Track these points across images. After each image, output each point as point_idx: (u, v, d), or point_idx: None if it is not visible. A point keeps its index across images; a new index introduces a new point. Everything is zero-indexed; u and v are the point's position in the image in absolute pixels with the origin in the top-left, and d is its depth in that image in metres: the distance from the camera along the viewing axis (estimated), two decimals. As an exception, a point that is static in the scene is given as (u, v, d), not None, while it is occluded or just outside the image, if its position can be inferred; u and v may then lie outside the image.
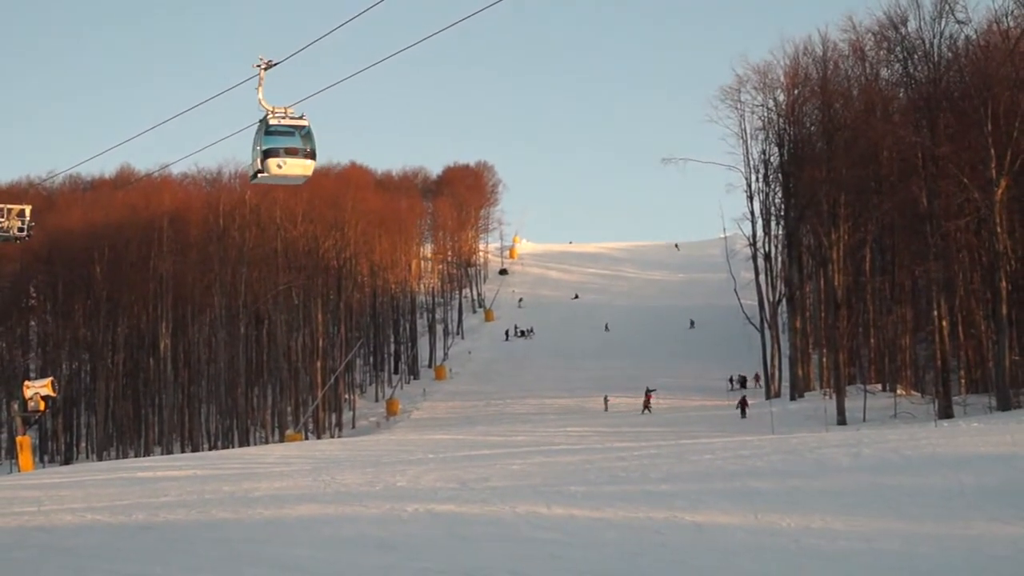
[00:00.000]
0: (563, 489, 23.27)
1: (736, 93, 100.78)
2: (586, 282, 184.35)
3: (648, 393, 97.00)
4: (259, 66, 28.36)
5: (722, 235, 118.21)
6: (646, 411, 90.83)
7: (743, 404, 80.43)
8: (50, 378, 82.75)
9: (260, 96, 28.99)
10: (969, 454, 25.01)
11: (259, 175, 29.72)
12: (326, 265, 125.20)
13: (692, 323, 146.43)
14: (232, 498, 26.23)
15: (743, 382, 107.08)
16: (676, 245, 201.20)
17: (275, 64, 28.37)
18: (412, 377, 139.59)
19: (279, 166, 29.06)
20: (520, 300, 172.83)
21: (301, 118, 29.25)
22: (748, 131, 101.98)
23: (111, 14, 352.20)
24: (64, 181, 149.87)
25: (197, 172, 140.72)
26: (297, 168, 29.38)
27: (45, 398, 74.75)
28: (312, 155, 29.49)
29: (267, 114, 29.02)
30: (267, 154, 29.13)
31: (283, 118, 28.92)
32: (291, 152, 29.08)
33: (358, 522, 20.74)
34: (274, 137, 29.21)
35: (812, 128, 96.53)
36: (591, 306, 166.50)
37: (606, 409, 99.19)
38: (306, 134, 29.31)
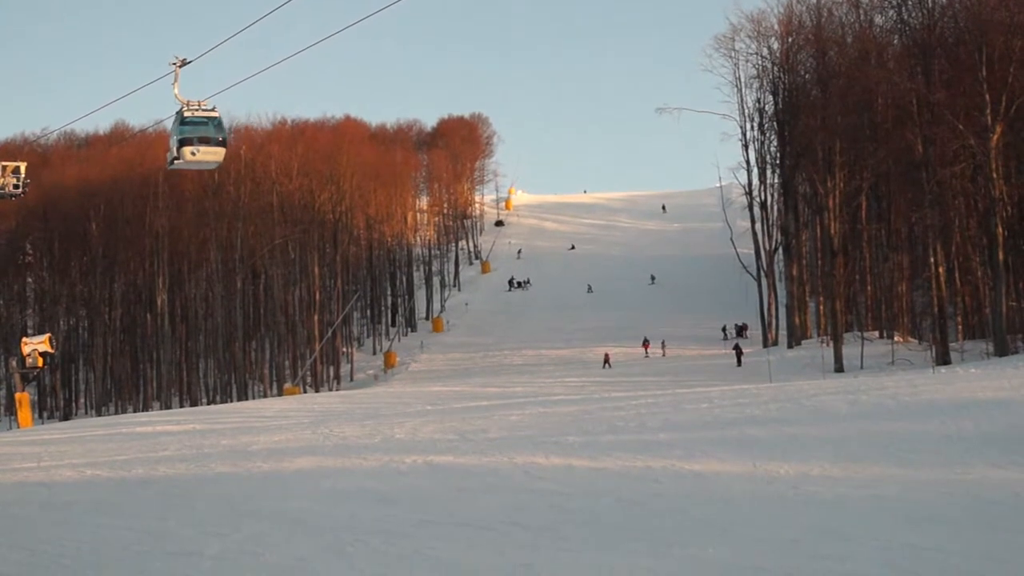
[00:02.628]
0: (561, 440, 23.31)
1: (730, 42, 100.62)
2: (581, 233, 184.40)
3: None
4: (174, 64, 30.34)
5: (717, 184, 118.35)
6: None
7: (738, 352, 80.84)
8: (48, 334, 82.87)
9: (176, 91, 31.13)
10: (967, 400, 25.03)
11: (175, 162, 32.52)
12: (322, 219, 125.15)
13: (653, 278, 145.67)
14: (231, 452, 26.29)
15: (739, 331, 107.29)
16: (663, 207, 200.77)
17: (189, 62, 30.29)
18: (409, 329, 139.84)
19: (193, 153, 31.74)
20: (519, 251, 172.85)
21: (212, 110, 31.82)
22: (742, 80, 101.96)
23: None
24: (59, 138, 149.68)
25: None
26: (209, 155, 32.10)
27: (43, 354, 74.86)
28: (223, 143, 32.26)
29: (182, 107, 31.50)
30: (182, 143, 31.70)
31: (197, 110, 31.50)
32: (204, 140, 31.71)
33: (357, 474, 20.79)
34: (188, 127, 31.66)
35: (806, 76, 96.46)
36: (587, 257, 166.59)
37: (647, 355, 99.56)
38: (217, 124, 32.00)
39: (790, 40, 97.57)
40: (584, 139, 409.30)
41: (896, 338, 79.57)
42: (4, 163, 69.51)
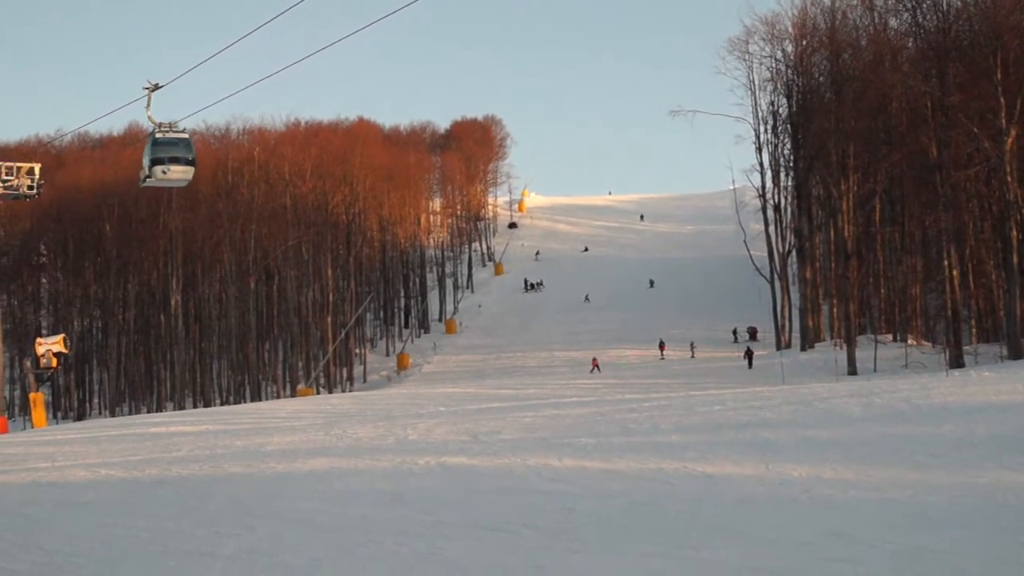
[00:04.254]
0: (574, 441, 23.33)
1: (744, 44, 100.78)
2: (594, 235, 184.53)
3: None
4: (147, 88, 32.09)
5: (731, 187, 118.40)
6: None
7: (750, 355, 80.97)
8: (62, 335, 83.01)
9: (149, 113, 33.18)
10: (980, 403, 25.02)
11: (147, 180, 34.68)
12: (335, 220, 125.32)
13: (652, 283, 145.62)
14: (244, 453, 26.32)
15: (752, 334, 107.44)
16: (641, 216, 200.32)
17: (161, 86, 31.95)
18: (422, 331, 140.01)
19: (164, 172, 33.82)
20: (537, 253, 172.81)
21: (183, 131, 33.97)
22: (756, 82, 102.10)
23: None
24: (73, 139, 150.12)
25: (205, 129, 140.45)
26: (179, 173, 34.17)
27: (57, 355, 74.96)
28: (192, 162, 34.23)
29: (154, 128, 33.57)
30: (153, 162, 33.75)
31: (168, 131, 33.58)
32: (174, 160, 33.73)
33: (370, 475, 20.82)
34: (160, 147, 33.66)
35: (821, 79, 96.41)
36: (600, 259, 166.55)
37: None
38: (187, 145, 34.09)
39: (804, 43, 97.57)
40: (597, 141, 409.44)
41: (909, 341, 79.54)
42: (19, 164, 69.91)
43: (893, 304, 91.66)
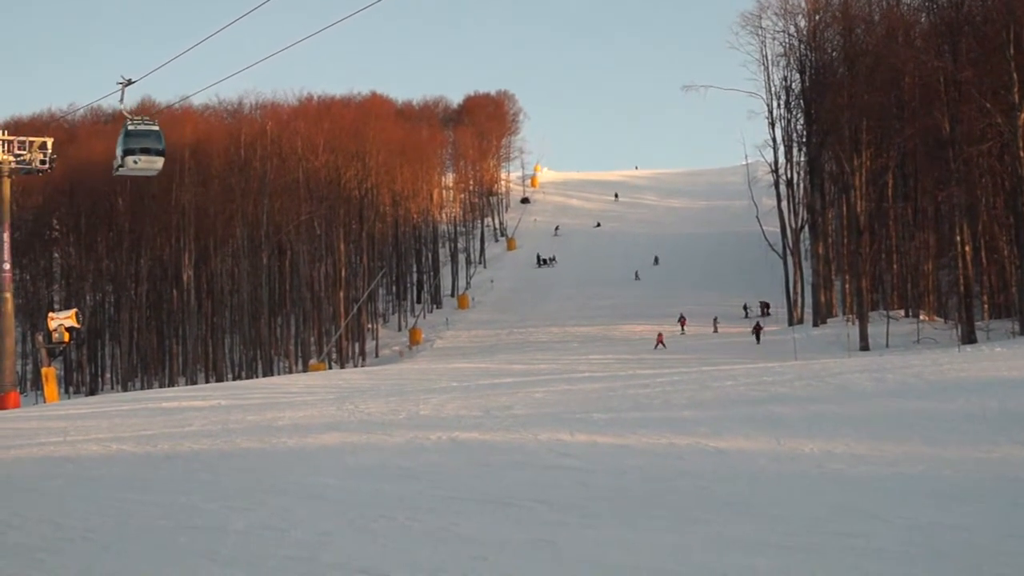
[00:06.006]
0: (586, 416, 23.30)
1: (757, 19, 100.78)
2: (607, 210, 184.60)
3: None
4: (120, 83, 34.04)
5: (743, 162, 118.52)
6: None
7: (757, 330, 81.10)
8: (74, 309, 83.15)
9: (122, 107, 36.58)
10: (992, 378, 24.98)
11: (119, 169, 37.50)
12: (348, 195, 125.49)
13: (656, 259, 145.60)
14: (256, 427, 26.33)
15: (764, 309, 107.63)
16: (616, 195, 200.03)
17: (134, 82, 33.60)
18: (435, 306, 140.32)
19: (135, 162, 36.54)
20: (556, 228, 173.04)
21: (153, 124, 36.58)
22: (769, 57, 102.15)
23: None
24: (85, 114, 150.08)
25: (218, 103, 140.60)
26: (149, 163, 37.03)
27: (69, 329, 75.08)
28: (162, 153, 37.00)
29: (127, 121, 36.46)
30: (126, 152, 36.32)
31: (140, 124, 35.93)
32: (145, 151, 36.45)
33: (381, 451, 20.81)
34: (132, 139, 36.37)
35: (834, 54, 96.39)
36: (612, 234, 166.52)
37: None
38: (157, 136, 36.76)
39: (817, 18, 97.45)
40: (609, 117, 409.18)
41: (922, 317, 79.56)
42: (31, 139, 70.02)
43: (905, 280, 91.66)
